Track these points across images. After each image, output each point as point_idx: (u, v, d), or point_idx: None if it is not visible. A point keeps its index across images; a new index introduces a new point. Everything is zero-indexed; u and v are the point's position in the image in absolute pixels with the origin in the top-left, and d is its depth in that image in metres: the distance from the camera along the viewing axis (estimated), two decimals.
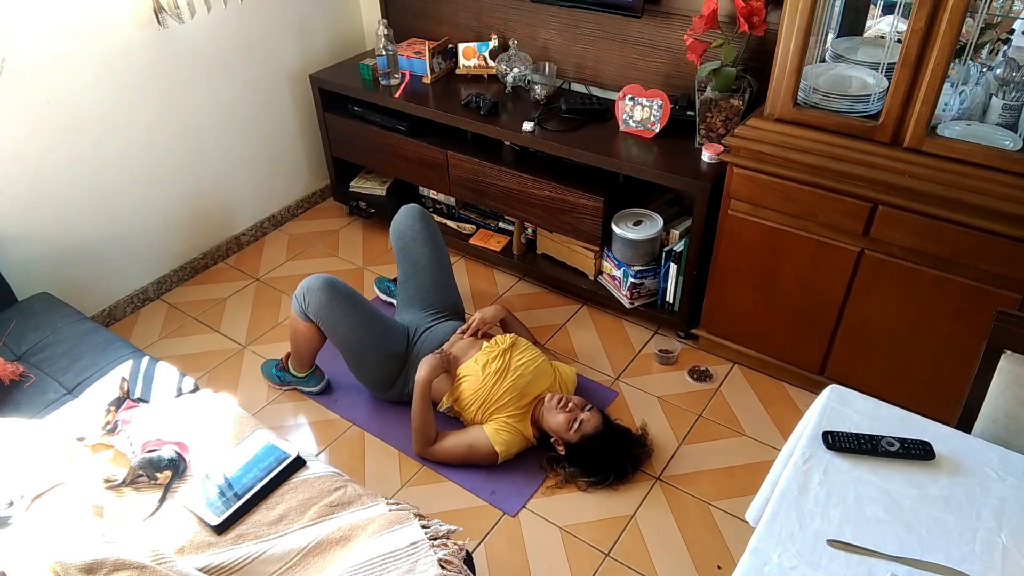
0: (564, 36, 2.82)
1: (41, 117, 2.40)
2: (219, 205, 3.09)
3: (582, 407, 2.16)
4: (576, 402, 2.17)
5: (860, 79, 2.13)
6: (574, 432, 2.10)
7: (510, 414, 2.17)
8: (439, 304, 2.48)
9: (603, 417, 2.17)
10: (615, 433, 2.17)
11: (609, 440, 2.13)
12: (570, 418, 2.11)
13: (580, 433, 2.10)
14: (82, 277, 2.68)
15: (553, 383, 2.28)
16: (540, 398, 2.21)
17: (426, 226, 2.49)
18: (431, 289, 2.48)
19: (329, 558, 1.47)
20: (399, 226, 2.52)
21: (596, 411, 2.17)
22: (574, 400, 2.18)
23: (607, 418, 2.20)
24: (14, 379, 1.96)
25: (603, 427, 2.13)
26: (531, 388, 2.21)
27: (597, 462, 2.12)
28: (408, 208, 2.54)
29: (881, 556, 1.14)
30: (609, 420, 2.20)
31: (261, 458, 1.68)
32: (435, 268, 2.48)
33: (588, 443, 2.10)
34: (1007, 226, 1.82)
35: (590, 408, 2.17)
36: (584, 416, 2.12)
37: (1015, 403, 1.38)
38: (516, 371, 2.20)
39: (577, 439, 2.11)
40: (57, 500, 1.54)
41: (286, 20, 3.07)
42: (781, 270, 2.25)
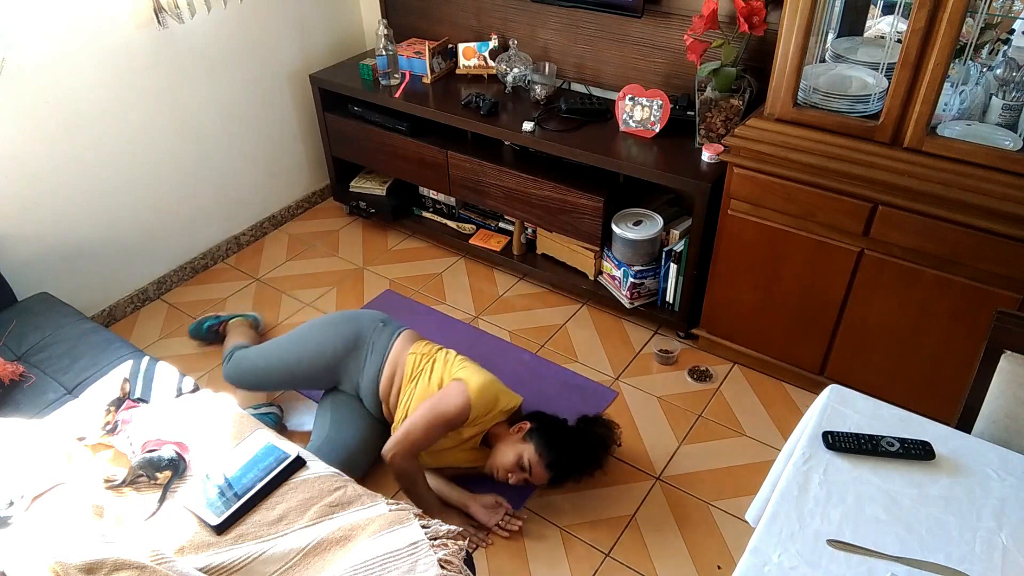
0: (564, 36, 2.82)
1: (41, 117, 2.40)
2: (219, 205, 3.09)
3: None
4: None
5: (860, 79, 2.13)
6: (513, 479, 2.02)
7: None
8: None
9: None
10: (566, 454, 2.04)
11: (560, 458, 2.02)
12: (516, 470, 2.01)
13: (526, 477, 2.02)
14: (82, 277, 2.68)
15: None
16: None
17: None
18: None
19: (329, 558, 1.47)
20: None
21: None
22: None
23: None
24: (14, 379, 1.96)
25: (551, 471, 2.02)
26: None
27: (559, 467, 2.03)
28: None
29: (881, 556, 1.14)
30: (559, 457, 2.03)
31: (261, 458, 1.68)
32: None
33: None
34: (1007, 226, 1.82)
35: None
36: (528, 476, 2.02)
37: (1015, 403, 1.38)
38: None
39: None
40: (57, 500, 1.54)
41: (286, 20, 3.07)
42: (781, 270, 2.25)
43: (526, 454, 1.99)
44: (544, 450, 1.98)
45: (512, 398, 2.09)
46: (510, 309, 2.86)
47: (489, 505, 2.05)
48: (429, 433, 1.94)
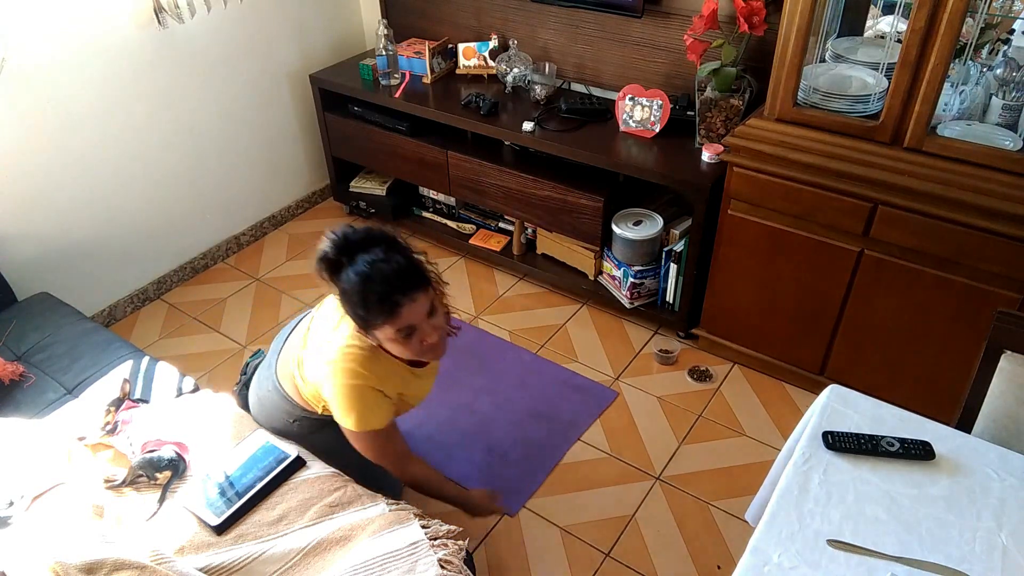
0: (564, 36, 2.82)
1: (41, 117, 2.40)
2: (219, 205, 3.09)
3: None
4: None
5: (860, 79, 2.13)
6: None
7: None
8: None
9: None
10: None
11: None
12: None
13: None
14: (82, 277, 2.68)
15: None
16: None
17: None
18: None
19: (329, 558, 1.47)
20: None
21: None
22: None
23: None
24: (14, 379, 1.96)
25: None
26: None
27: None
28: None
29: (881, 556, 1.14)
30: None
31: (261, 458, 1.68)
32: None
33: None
34: (1007, 226, 1.82)
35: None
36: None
37: (1015, 403, 1.38)
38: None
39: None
40: (57, 500, 1.54)
41: (286, 20, 3.07)
42: (781, 270, 2.25)
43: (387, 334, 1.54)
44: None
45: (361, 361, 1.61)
46: (510, 309, 2.86)
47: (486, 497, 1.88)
48: (385, 445, 1.68)
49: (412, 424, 2.33)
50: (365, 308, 1.49)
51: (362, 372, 1.57)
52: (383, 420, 1.63)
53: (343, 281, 1.52)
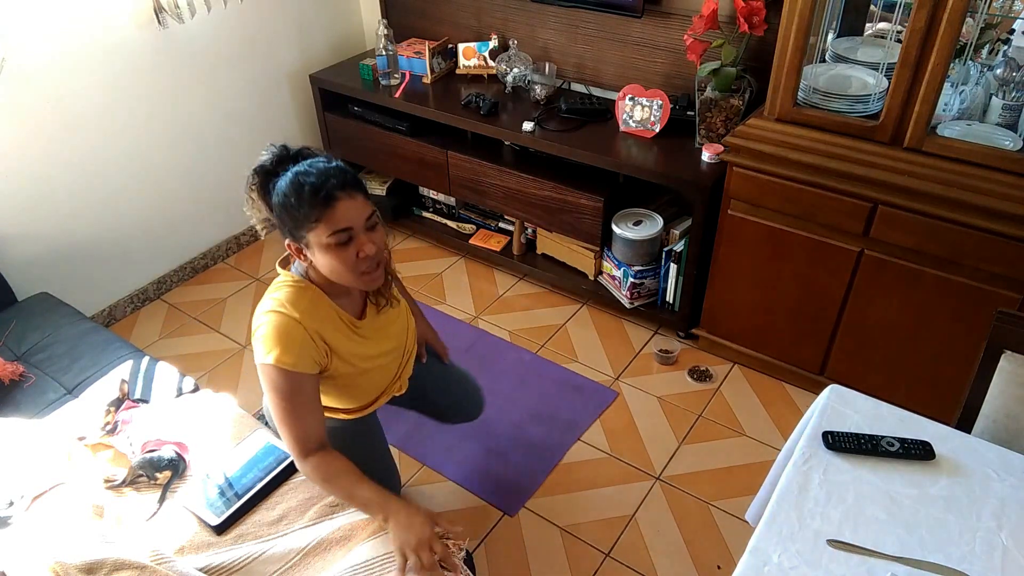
0: (564, 36, 2.82)
1: (41, 117, 2.40)
2: (219, 205, 3.09)
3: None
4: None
5: (860, 79, 2.13)
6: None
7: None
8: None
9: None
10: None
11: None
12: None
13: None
14: (82, 277, 2.68)
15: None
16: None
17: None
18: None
19: (329, 558, 1.47)
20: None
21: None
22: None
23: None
24: (14, 379, 1.96)
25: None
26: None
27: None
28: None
29: (881, 556, 1.14)
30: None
31: (261, 458, 1.68)
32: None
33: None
34: (1007, 226, 1.82)
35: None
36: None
37: (1015, 403, 1.38)
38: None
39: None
40: (57, 500, 1.54)
41: (286, 20, 3.07)
42: (781, 270, 2.25)
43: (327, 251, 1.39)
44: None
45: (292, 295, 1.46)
46: (510, 309, 2.86)
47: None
48: (293, 397, 1.42)
49: (412, 424, 2.33)
50: (298, 202, 1.34)
51: (288, 305, 1.42)
52: (301, 362, 1.40)
53: (277, 190, 1.38)
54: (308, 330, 1.43)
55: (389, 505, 1.40)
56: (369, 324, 1.58)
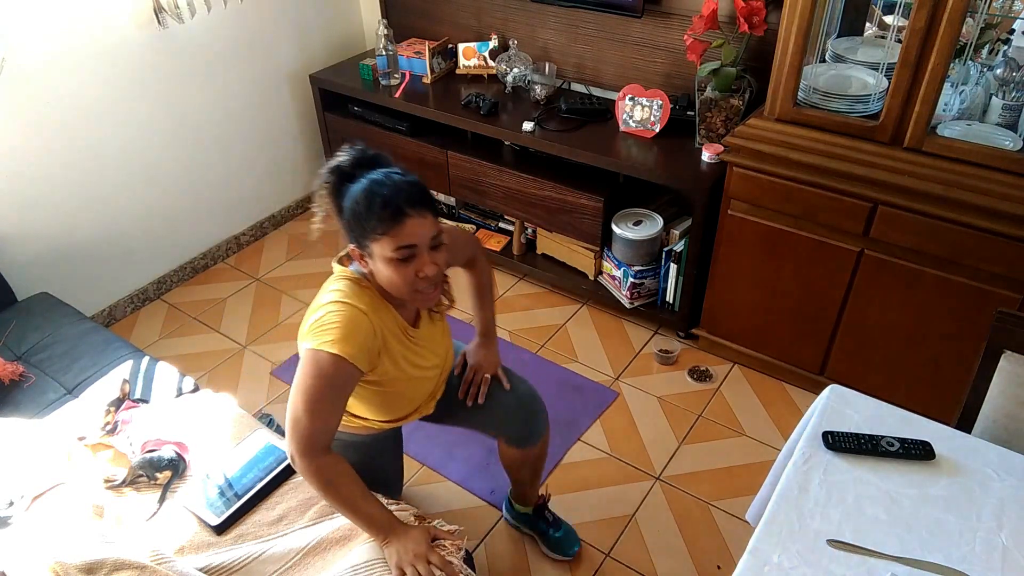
0: (564, 36, 2.82)
1: (41, 117, 2.40)
2: (219, 205, 3.09)
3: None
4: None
5: (860, 79, 2.13)
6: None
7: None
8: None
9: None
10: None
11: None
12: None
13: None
14: (82, 277, 2.68)
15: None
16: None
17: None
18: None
19: (329, 558, 1.47)
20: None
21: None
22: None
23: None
24: (14, 379, 1.96)
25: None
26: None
27: None
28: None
29: (881, 556, 1.14)
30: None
31: (261, 458, 1.68)
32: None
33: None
34: (1007, 226, 1.82)
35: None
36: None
37: (1015, 403, 1.38)
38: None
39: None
40: (57, 500, 1.54)
41: (286, 20, 3.07)
42: (781, 270, 2.25)
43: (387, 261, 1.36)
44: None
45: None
46: (510, 309, 2.86)
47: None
48: (314, 417, 1.36)
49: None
50: (368, 212, 1.32)
51: (353, 298, 1.40)
52: (359, 356, 1.35)
53: (349, 194, 1.36)
54: (373, 324, 1.40)
55: (392, 527, 1.41)
56: (421, 333, 1.56)
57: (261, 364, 2.63)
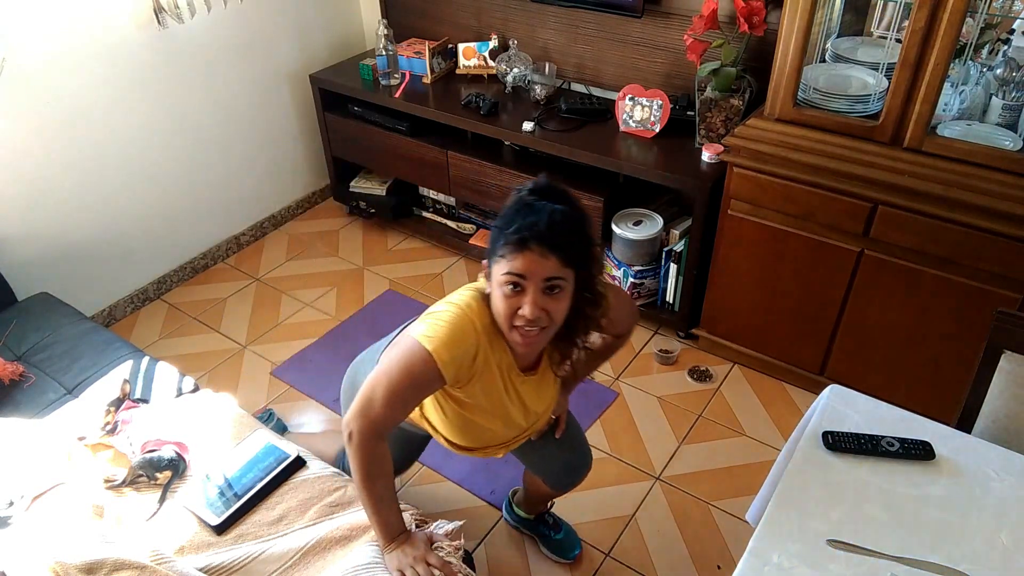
0: (564, 36, 2.82)
1: (41, 117, 2.40)
2: (219, 205, 3.09)
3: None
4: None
5: (860, 79, 2.13)
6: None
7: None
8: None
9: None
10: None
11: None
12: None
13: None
14: (82, 277, 2.68)
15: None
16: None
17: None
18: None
19: (329, 558, 1.47)
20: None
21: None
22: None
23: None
24: (14, 379, 1.96)
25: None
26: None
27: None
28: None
29: (881, 556, 1.14)
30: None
31: (261, 458, 1.68)
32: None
33: None
34: (1007, 226, 1.82)
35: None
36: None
37: (1015, 403, 1.38)
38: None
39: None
40: (57, 500, 1.54)
41: (286, 20, 3.07)
42: (781, 270, 2.25)
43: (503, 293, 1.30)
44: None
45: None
46: None
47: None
48: (389, 405, 1.34)
49: None
50: (501, 231, 1.28)
51: (476, 311, 1.35)
52: (449, 367, 1.31)
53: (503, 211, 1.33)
54: (480, 344, 1.35)
55: (399, 535, 1.41)
56: (529, 385, 1.48)
57: (261, 364, 2.63)
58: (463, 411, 1.47)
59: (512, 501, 2.05)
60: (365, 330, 2.75)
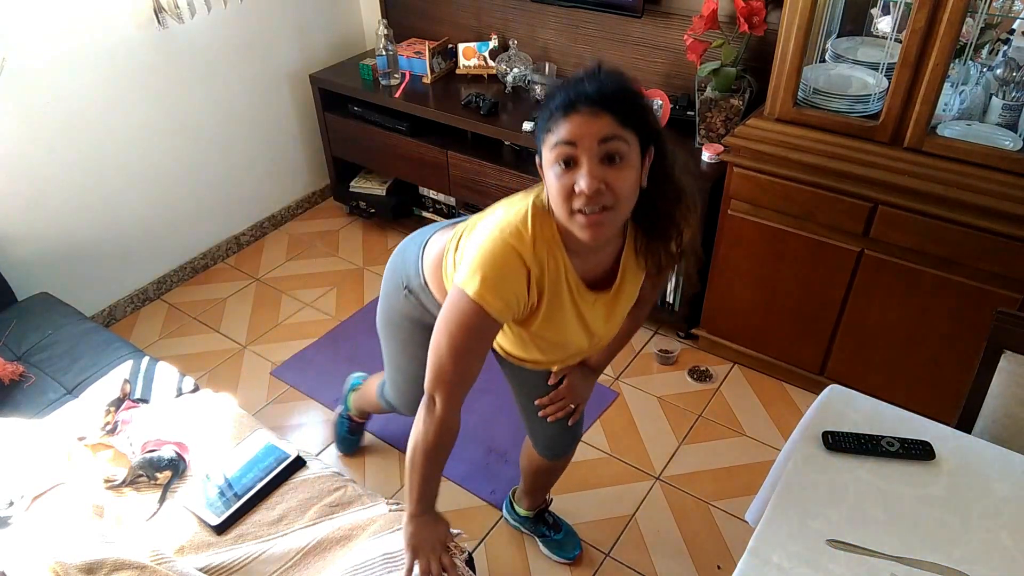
0: (564, 36, 2.82)
1: (41, 117, 2.40)
2: (219, 205, 3.09)
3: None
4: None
5: (860, 79, 2.13)
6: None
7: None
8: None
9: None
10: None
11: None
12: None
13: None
14: (82, 277, 2.68)
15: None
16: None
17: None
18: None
19: (329, 558, 1.47)
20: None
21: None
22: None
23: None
24: (14, 379, 1.96)
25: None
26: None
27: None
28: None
29: (881, 556, 1.14)
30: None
31: (261, 458, 1.68)
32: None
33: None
34: (1007, 226, 1.82)
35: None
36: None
37: (1015, 403, 1.38)
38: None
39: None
40: (57, 500, 1.54)
41: (286, 20, 3.07)
42: (781, 270, 2.25)
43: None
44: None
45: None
46: None
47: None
48: (457, 362, 1.25)
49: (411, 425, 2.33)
50: (545, 105, 1.13)
51: (521, 227, 1.18)
52: (504, 311, 1.19)
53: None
54: (531, 269, 1.19)
55: (430, 510, 1.37)
56: (598, 302, 1.29)
57: (261, 364, 2.63)
58: (523, 331, 1.31)
59: (512, 500, 2.05)
60: (365, 330, 2.75)
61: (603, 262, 1.28)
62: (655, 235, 1.23)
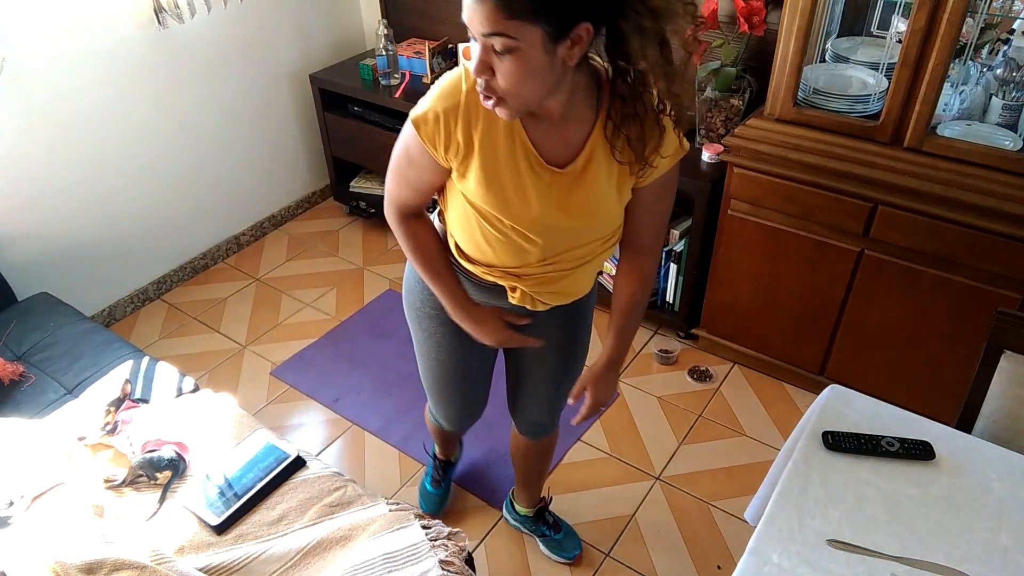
0: None
1: (41, 117, 2.40)
2: (219, 205, 3.09)
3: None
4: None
5: (860, 79, 2.13)
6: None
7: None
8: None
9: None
10: None
11: None
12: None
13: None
14: (82, 277, 2.68)
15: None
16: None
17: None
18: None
19: (329, 558, 1.47)
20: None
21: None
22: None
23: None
24: (14, 379, 1.96)
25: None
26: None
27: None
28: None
29: (881, 556, 1.14)
30: None
31: (261, 458, 1.68)
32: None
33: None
34: (1007, 226, 1.82)
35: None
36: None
37: (1015, 403, 1.38)
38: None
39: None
40: (57, 500, 1.54)
41: (286, 20, 3.07)
42: (781, 270, 2.25)
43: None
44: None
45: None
46: None
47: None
48: (393, 175, 1.31)
49: (411, 425, 2.33)
50: None
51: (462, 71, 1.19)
52: (425, 127, 1.20)
53: None
54: (468, 107, 1.16)
55: (467, 304, 1.41)
56: (559, 178, 1.19)
57: (261, 364, 2.63)
58: (466, 201, 1.25)
59: (512, 499, 2.05)
60: (365, 330, 2.75)
61: (571, 139, 1.18)
62: (622, 119, 1.12)
